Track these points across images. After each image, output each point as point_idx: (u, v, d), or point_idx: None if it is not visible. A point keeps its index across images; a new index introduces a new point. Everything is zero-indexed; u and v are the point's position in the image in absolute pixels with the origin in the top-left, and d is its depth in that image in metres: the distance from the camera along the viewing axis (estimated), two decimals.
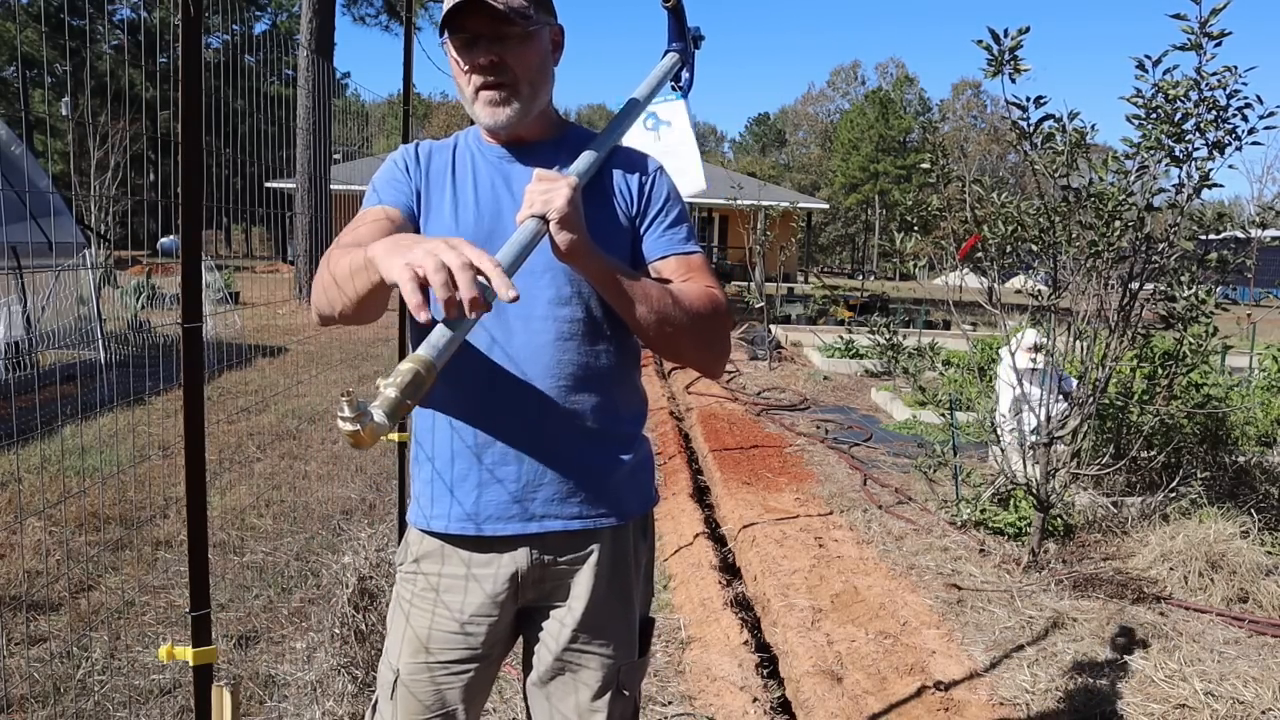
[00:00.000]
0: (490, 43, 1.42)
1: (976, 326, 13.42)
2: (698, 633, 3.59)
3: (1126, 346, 4.11)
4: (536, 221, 1.30)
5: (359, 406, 1.10)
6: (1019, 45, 3.72)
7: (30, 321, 8.62)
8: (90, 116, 12.39)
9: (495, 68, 1.43)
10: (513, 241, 1.30)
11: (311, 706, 2.78)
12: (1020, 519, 4.58)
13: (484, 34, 1.42)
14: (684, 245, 1.53)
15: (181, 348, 1.71)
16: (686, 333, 1.45)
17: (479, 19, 1.41)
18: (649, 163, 1.58)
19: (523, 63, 1.44)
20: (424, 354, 1.17)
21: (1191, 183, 3.84)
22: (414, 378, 1.13)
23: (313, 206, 16.07)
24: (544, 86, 1.49)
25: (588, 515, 1.50)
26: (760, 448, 6.63)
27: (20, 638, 3.19)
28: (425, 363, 1.15)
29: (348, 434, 1.10)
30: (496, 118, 1.46)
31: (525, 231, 1.30)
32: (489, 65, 1.43)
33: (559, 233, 1.30)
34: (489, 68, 1.43)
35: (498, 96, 1.44)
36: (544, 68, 1.48)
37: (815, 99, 75.24)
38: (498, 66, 1.43)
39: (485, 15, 1.40)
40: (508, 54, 1.42)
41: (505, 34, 1.42)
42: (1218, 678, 3.08)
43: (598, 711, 1.53)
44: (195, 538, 1.78)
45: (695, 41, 1.83)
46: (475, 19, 1.41)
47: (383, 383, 1.14)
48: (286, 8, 42.31)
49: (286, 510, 4.74)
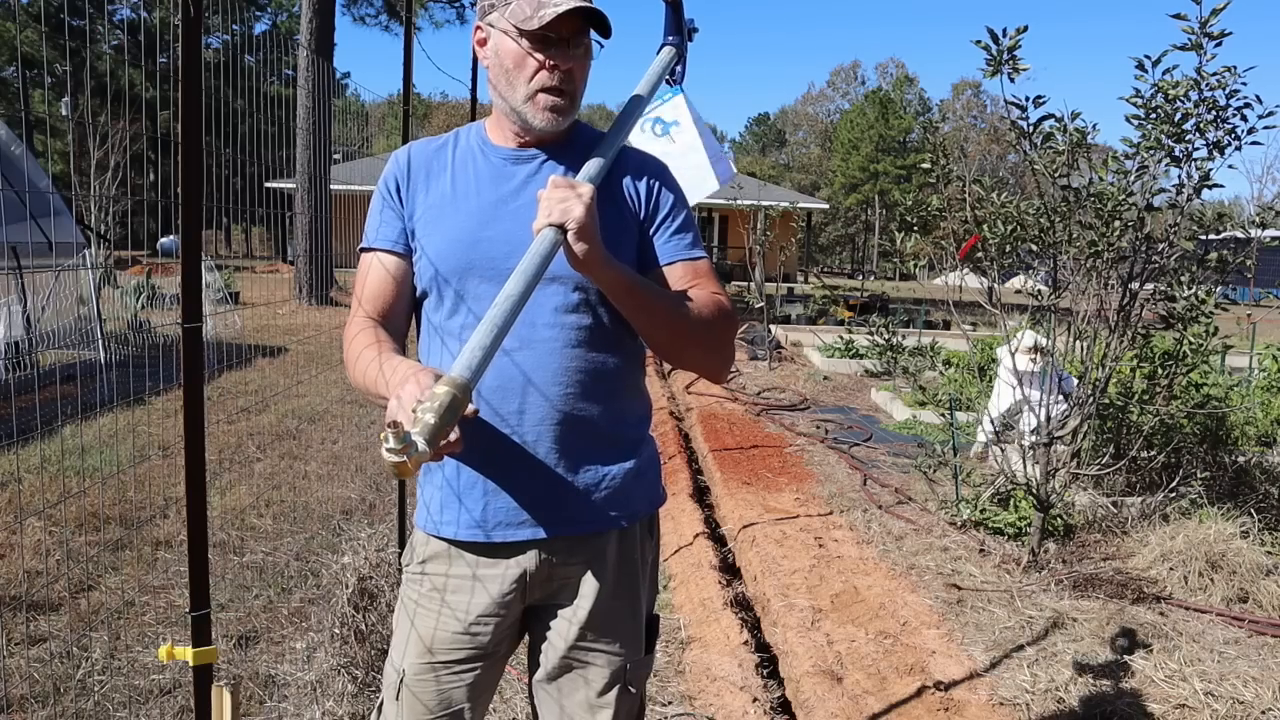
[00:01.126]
0: (571, 49, 1.43)
1: (976, 326, 13.42)
2: (698, 633, 3.59)
3: (1126, 346, 4.11)
4: (555, 231, 1.30)
5: (405, 438, 1.09)
6: (1017, 45, 3.72)
7: (30, 321, 8.61)
8: (90, 116, 12.39)
9: (567, 75, 1.44)
10: (532, 253, 1.29)
11: (311, 706, 2.78)
12: (1020, 519, 4.58)
13: (568, 39, 1.43)
14: (690, 250, 1.53)
15: (181, 348, 1.71)
16: (695, 340, 1.45)
17: (574, 21, 1.41)
18: (656, 165, 1.57)
19: (583, 74, 1.47)
20: (459, 376, 1.15)
21: (1191, 183, 3.84)
22: (451, 401, 1.12)
23: (313, 206, 16.07)
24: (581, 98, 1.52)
25: (597, 519, 1.50)
26: (760, 448, 6.64)
27: (20, 638, 3.19)
28: (461, 385, 1.14)
29: (394, 465, 1.09)
30: (553, 123, 1.46)
31: (544, 242, 1.30)
32: (565, 72, 1.43)
33: (576, 243, 1.30)
34: (563, 74, 1.43)
35: (560, 104, 1.45)
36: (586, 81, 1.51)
37: (815, 99, 75.26)
38: (569, 75, 1.44)
39: (580, 19, 1.41)
40: (577, 64, 1.44)
41: (583, 44, 1.45)
42: (1218, 678, 3.08)
43: (604, 708, 1.53)
44: (195, 538, 1.78)
45: (690, 34, 1.84)
46: (571, 21, 1.41)
47: (419, 407, 1.12)
48: (286, 8, 42.30)
49: (286, 510, 4.74)
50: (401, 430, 1.08)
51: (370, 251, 1.53)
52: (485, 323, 1.23)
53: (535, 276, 1.27)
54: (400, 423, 1.09)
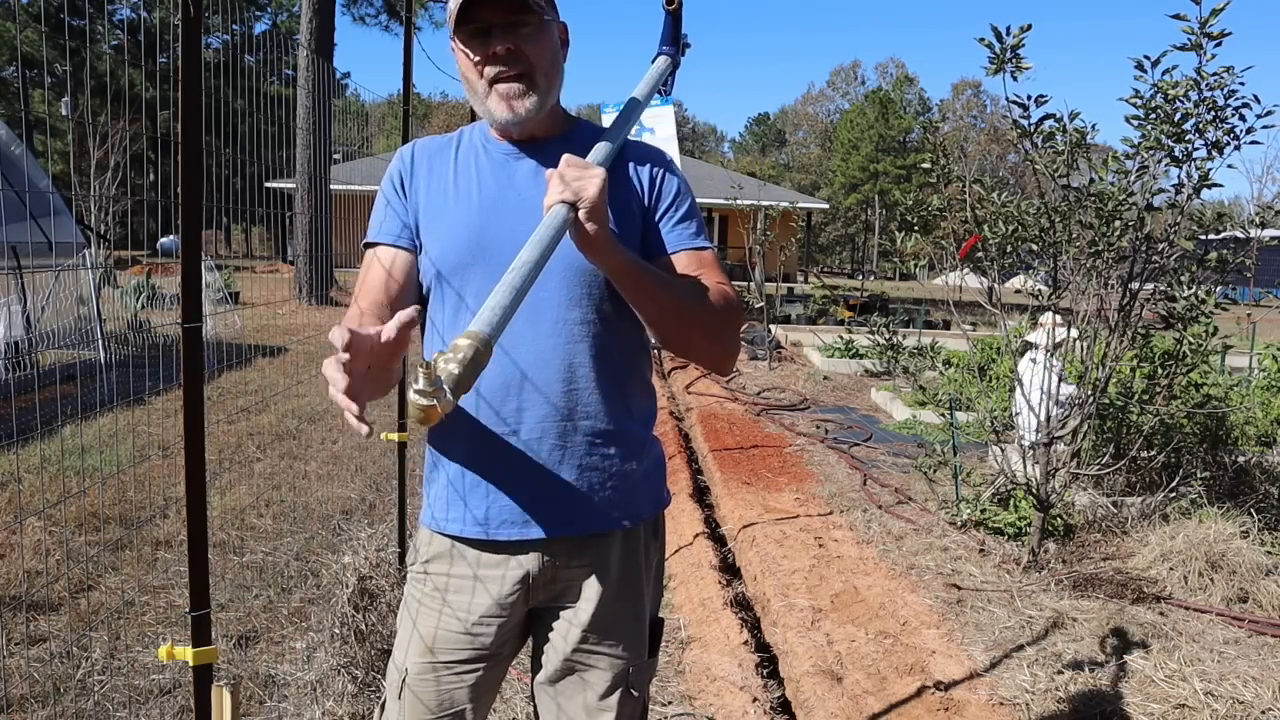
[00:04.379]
0: (505, 31, 1.38)
1: (976, 326, 13.43)
2: (698, 633, 3.59)
3: (1126, 346, 4.11)
4: (565, 209, 1.25)
5: (436, 381, 1.04)
6: (1021, 43, 3.72)
7: (30, 321, 8.62)
8: (90, 116, 12.39)
9: (511, 57, 1.39)
10: (543, 227, 1.25)
11: (311, 706, 2.78)
12: (1020, 519, 4.58)
13: (497, 23, 1.38)
14: (695, 240, 1.52)
15: (181, 348, 1.71)
16: (701, 329, 1.44)
17: (492, 9, 1.37)
18: (661, 156, 1.56)
19: (538, 52, 1.40)
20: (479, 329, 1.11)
21: (1191, 183, 3.84)
22: (474, 355, 1.09)
23: (313, 206, 16.08)
24: (557, 80, 1.46)
25: (600, 520, 1.49)
26: (760, 448, 6.63)
27: (20, 638, 3.19)
28: (483, 339, 1.10)
29: (422, 407, 1.04)
30: (515, 111, 1.42)
31: (555, 218, 1.25)
32: (505, 54, 1.38)
33: (587, 222, 1.26)
34: (505, 57, 1.38)
35: (516, 89, 1.40)
36: (556, 60, 1.45)
37: (815, 99, 75.26)
38: (514, 55, 1.39)
39: (500, 4, 1.37)
40: (523, 43, 1.39)
41: (520, 22, 1.39)
42: (1217, 678, 3.08)
43: (606, 711, 1.52)
44: (195, 538, 1.78)
45: (683, 48, 1.84)
46: (489, 9, 1.37)
47: (442, 359, 1.08)
48: (286, 8, 42.31)
49: (286, 510, 4.74)
50: (433, 371, 1.04)
51: (372, 247, 1.52)
52: (503, 284, 1.19)
53: (549, 245, 1.23)
54: (432, 363, 1.05)
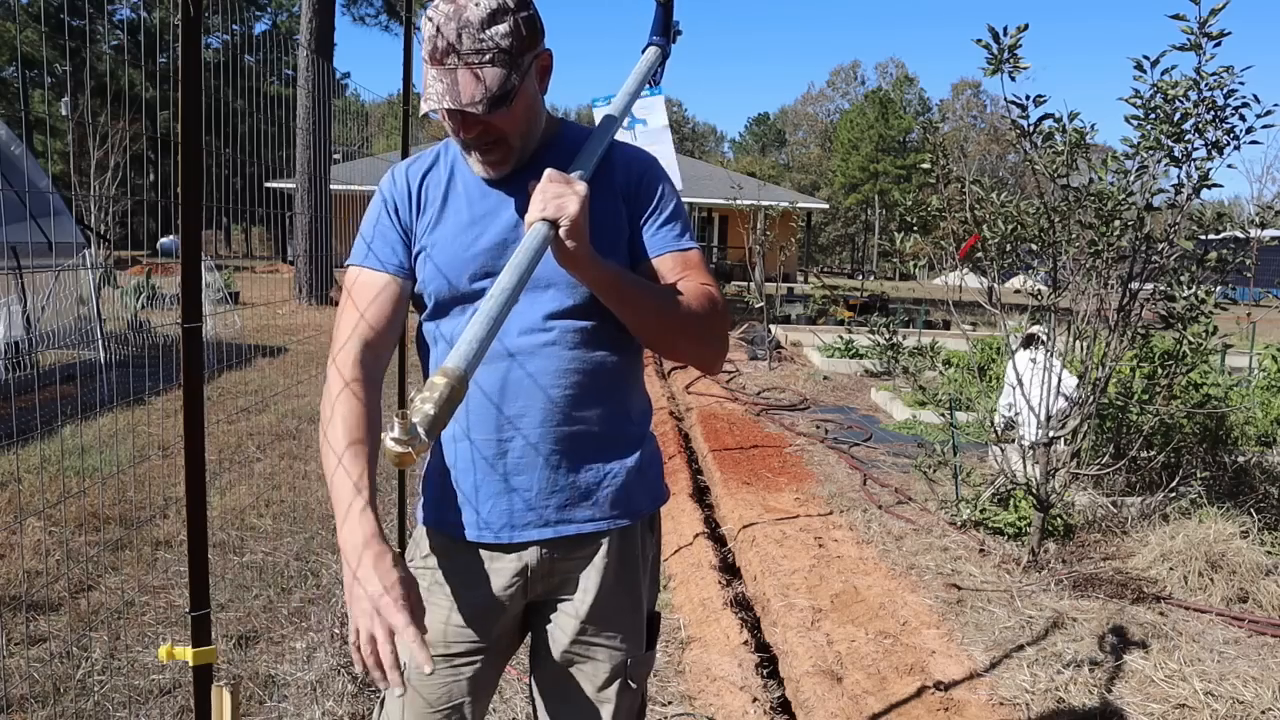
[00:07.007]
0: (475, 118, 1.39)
1: (976, 326, 13.42)
2: (698, 633, 3.59)
3: (1126, 346, 4.12)
4: (546, 226, 1.29)
5: (411, 429, 1.08)
6: (1018, 44, 3.72)
7: (30, 321, 8.62)
8: (90, 116, 12.39)
9: (484, 134, 1.40)
10: (524, 247, 1.28)
11: (311, 706, 2.78)
12: (1020, 519, 4.58)
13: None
14: (680, 242, 1.52)
15: (181, 348, 1.71)
16: (684, 333, 1.45)
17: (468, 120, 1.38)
18: (645, 157, 1.57)
19: (511, 123, 1.40)
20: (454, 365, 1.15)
21: (1191, 182, 3.84)
22: (450, 393, 1.12)
23: (312, 206, 16.09)
24: (535, 125, 1.47)
25: (600, 518, 1.50)
26: (760, 448, 6.64)
27: (20, 638, 3.19)
28: (458, 376, 1.14)
29: (398, 454, 1.09)
30: (493, 172, 1.46)
31: (535, 237, 1.28)
32: (480, 134, 1.40)
33: (568, 239, 1.29)
34: (480, 136, 1.40)
35: (491, 158, 1.43)
36: (531, 111, 1.44)
37: (815, 99, 75.28)
38: (487, 132, 1.40)
39: (472, 119, 1.38)
40: (495, 120, 1.38)
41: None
42: (1217, 678, 3.08)
43: (605, 703, 1.54)
44: (195, 538, 1.78)
45: (674, 36, 1.83)
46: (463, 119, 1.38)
47: (419, 398, 1.12)
48: (286, 8, 42.32)
49: (286, 510, 4.74)
50: (408, 420, 1.08)
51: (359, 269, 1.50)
52: (479, 315, 1.22)
53: (528, 270, 1.26)
54: (407, 413, 1.09)
